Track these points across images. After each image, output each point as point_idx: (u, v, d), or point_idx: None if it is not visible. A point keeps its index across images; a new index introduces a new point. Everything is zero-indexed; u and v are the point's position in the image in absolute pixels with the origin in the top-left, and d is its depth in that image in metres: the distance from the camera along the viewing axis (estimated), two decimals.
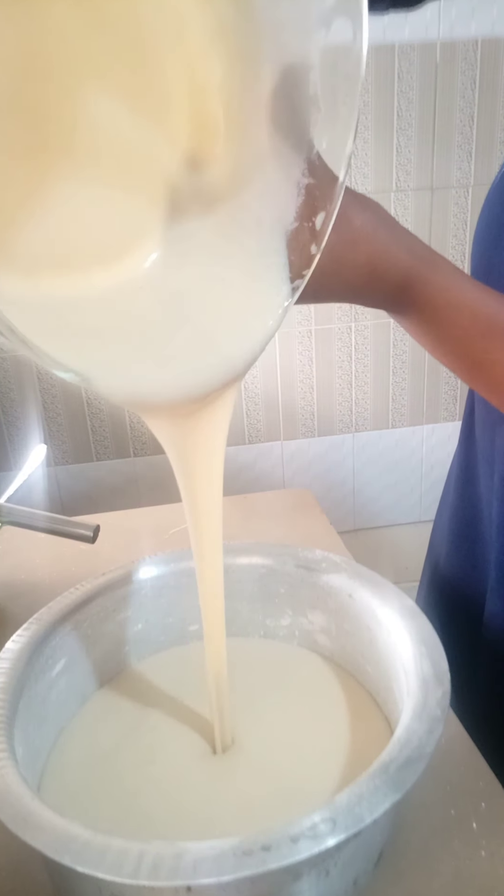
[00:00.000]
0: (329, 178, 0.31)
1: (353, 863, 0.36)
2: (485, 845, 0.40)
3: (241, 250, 0.33)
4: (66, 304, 0.31)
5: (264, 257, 0.33)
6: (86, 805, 0.42)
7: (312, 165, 0.32)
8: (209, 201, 0.31)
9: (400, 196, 1.43)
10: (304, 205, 0.32)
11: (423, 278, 0.39)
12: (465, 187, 1.44)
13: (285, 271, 0.34)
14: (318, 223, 0.32)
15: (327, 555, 0.52)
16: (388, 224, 0.39)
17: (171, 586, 0.53)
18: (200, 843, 0.31)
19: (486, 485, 0.59)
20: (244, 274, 0.34)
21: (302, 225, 0.33)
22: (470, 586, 0.63)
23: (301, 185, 0.32)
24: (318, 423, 1.58)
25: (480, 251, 0.54)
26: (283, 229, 0.33)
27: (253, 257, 0.34)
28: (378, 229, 0.38)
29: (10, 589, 0.70)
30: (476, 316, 0.39)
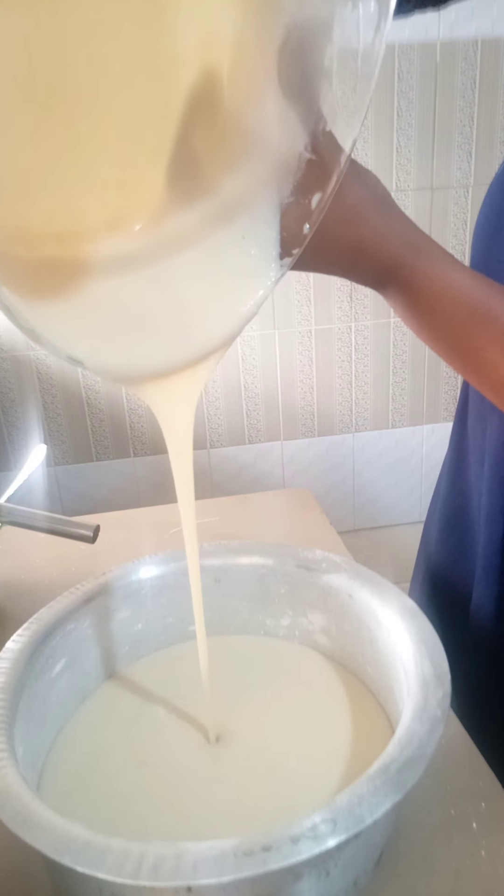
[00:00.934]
0: (330, 159, 0.31)
1: (353, 863, 0.36)
2: (485, 845, 0.40)
3: (235, 221, 0.33)
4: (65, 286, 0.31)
5: (256, 229, 0.33)
6: (84, 804, 0.42)
7: (316, 141, 0.31)
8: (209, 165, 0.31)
9: (400, 196, 1.43)
10: (303, 180, 0.32)
11: (410, 264, 0.38)
12: (465, 187, 1.44)
13: (275, 246, 0.33)
14: (314, 203, 0.32)
15: (327, 555, 0.52)
16: (383, 205, 0.38)
17: (171, 586, 0.53)
18: (201, 843, 0.31)
19: (476, 473, 0.59)
20: (235, 246, 0.33)
21: (298, 201, 0.32)
22: (459, 575, 0.63)
23: (302, 158, 0.32)
24: (318, 423, 1.58)
25: (480, 241, 0.54)
26: (278, 202, 0.33)
27: (245, 228, 0.33)
28: (370, 211, 0.38)
29: (10, 589, 0.70)
30: (460, 303, 0.39)
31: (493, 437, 0.55)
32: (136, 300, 0.33)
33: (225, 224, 0.33)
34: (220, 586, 0.54)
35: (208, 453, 1.56)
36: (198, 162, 0.31)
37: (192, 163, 0.30)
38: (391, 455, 1.64)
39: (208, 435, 1.55)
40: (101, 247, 0.31)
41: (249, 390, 1.53)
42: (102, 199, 0.30)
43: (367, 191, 0.38)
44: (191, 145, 0.30)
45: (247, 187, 0.32)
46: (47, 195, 0.29)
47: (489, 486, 0.56)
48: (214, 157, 0.31)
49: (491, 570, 0.57)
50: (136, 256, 0.31)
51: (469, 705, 0.54)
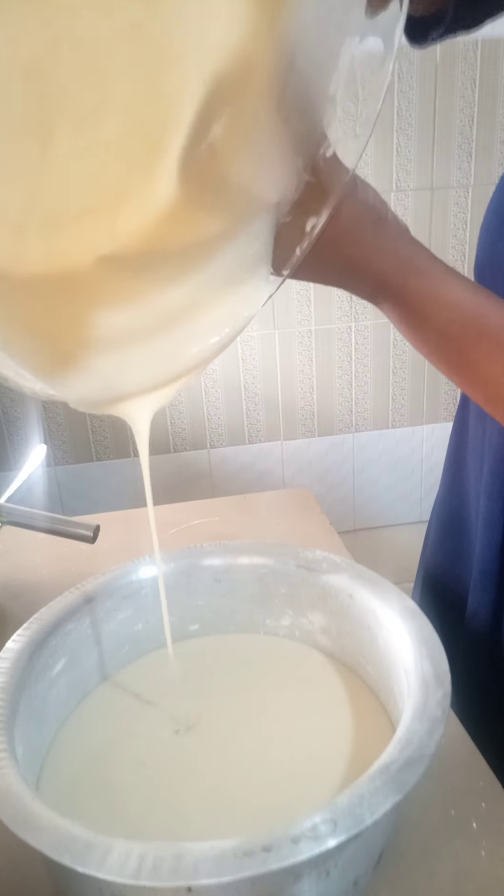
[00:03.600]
0: (329, 184, 0.31)
1: (353, 863, 0.36)
2: (485, 845, 0.40)
3: (230, 238, 0.33)
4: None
5: (250, 245, 0.33)
6: (83, 804, 0.42)
7: (317, 165, 0.32)
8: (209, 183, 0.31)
9: (400, 196, 1.43)
10: (301, 202, 0.32)
11: (401, 282, 0.39)
12: (465, 187, 1.44)
13: (267, 265, 0.33)
14: (308, 227, 0.32)
15: (328, 555, 0.52)
16: (378, 222, 0.38)
17: (171, 586, 0.53)
18: (201, 843, 0.31)
19: (475, 476, 0.59)
20: (227, 263, 0.33)
21: (293, 222, 0.32)
22: (455, 578, 0.63)
23: (302, 180, 0.32)
24: (318, 423, 1.58)
25: (485, 240, 0.54)
26: (274, 221, 0.33)
27: (239, 243, 0.33)
28: (364, 229, 0.38)
29: (10, 589, 0.70)
30: (452, 318, 0.39)
31: (493, 440, 0.55)
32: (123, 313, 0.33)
33: (219, 242, 0.33)
34: (220, 586, 0.54)
35: (208, 453, 1.56)
36: (197, 181, 0.30)
37: (192, 181, 0.30)
38: (391, 455, 1.64)
39: (208, 435, 1.55)
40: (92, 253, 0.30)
41: (249, 390, 1.53)
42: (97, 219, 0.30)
43: (363, 207, 0.38)
44: (191, 164, 0.30)
45: (245, 206, 0.32)
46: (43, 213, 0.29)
47: (488, 490, 0.56)
48: (216, 167, 0.31)
49: (488, 575, 0.56)
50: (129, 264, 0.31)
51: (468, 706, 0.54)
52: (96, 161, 0.28)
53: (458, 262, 1.49)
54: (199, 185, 0.30)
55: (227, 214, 0.32)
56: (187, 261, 0.32)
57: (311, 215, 0.32)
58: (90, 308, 0.32)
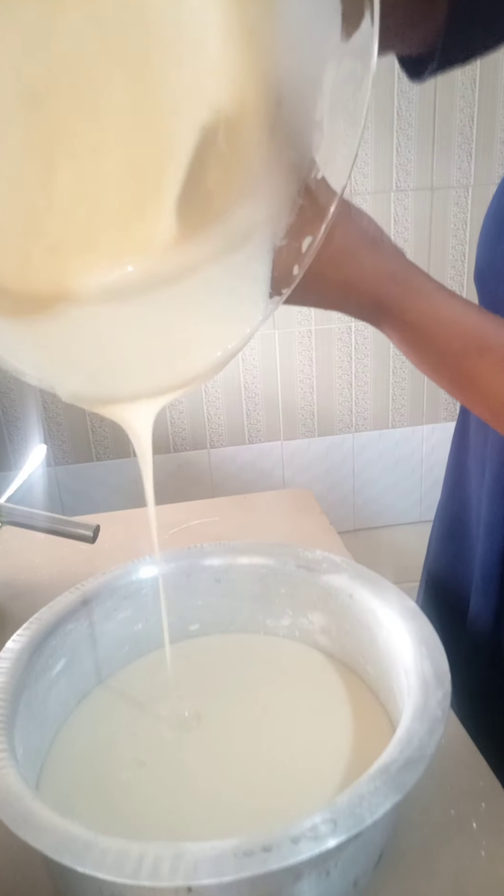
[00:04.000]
0: (322, 205, 0.32)
1: (353, 863, 0.36)
2: (485, 845, 0.40)
3: (229, 261, 0.34)
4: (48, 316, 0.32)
5: (249, 269, 0.34)
6: (83, 803, 0.42)
7: (309, 188, 0.33)
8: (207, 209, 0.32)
9: (400, 196, 1.43)
10: (296, 224, 0.33)
11: (399, 304, 0.39)
12: (465, 187, 1.44)
13: (266, 285, 0.34)
14: (305, 246, 0.33)
15: (328, 555, 0.52)
16: (372, 244, 0.39)
17: (171, 586, 0.53)
18: (201, 843, 0.31)
19: (477, 482, 0.59)
20: (227, 284, 0.34)
21: (290, 243, 0.33)
22: (457, 583, 0.63)
23: (296, 204, 0.33)
24: (318, 423, 1.58)
25: (485, 246, 0.54)
26: (272, 244, 0.34)
27: (238, 268, 0.34)
28: (359, 251, 0.38)
29: (10, 589, 0.70)
30: (453, 336, 0.39)
31: (494, 446, 0.55)
32: (122, 329, 0.34)
33: (219, 264, 0.33)
34: (220, 586, 0.54)
35: (208, 453, 1.56)
36: (195, 207, 0.31)
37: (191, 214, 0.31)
38: (391, 455, 1.64)
39: (208, 435, 1.55)
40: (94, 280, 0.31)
41: (249, 390, 1.53)
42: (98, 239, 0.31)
43: (357, 231, 0.38)
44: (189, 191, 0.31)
45: (242, 230, 0.33)
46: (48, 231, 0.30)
47: (490, 495, 0.56)
48: (212, 202, 0.32)
49: (489, 580, 0.56)
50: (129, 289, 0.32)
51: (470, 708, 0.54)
52: (96, 195, 0.30)
53: (458, 262, 1.49)
54: (198, 218, 0.31)
55: (224, 242, 0.33)
56: (186, 284, 0.33)
57: (306, 235, 0.33)
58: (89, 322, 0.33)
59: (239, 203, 0.33)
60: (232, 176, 0.32)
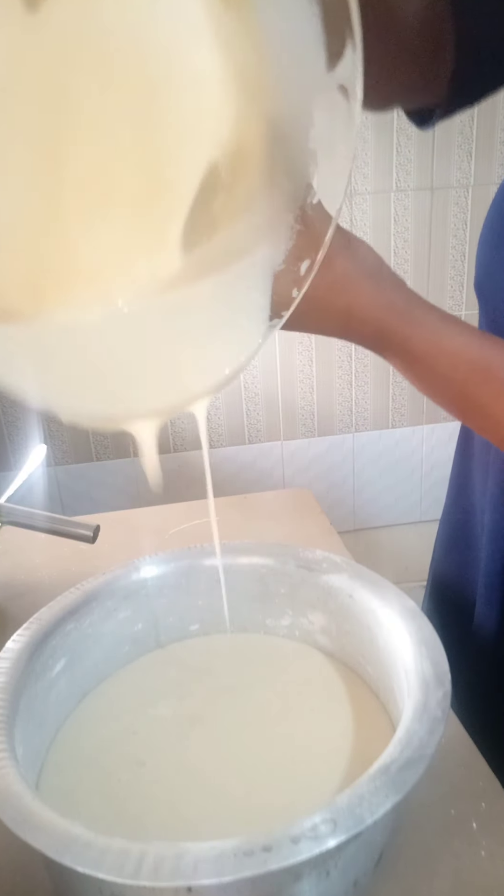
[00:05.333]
0: (318, 229, 0.33)
1: (353, 863, 0.36)
2: (485, 845, 0.40)
3: (229, 287, 0.35)
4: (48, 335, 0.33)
5: (249, 292, 0.35)
6: (83, 803, 0.42)
7: (305, 214, 0.34)
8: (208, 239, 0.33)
9: (400, 196, 1.43)
10: (294, 249, 0.34)
11: (400, 332, 0.39)
12: (465, 187, 1.44)
13: (266, 310, 0.35)
14: (303, 269, 0.33)
15: (328, 555, 0.52)
16: (372, 273, 0.39)
17: (171, 586, 0.53)
18: (201, 843, 0.31)
19: (481, 491, 0.59)
20: (227, 308, 0.35)
21: (288, 268, 0.34)
22: (461, 590, 0.63)
23: (293, 230, 0.34)
24: (318, 423, 1.58)
25: (483, 258, 0.54)
26: (271, 269, 0.35)
27: (239, 291, 0.35)
28: (359, 279, 0.38)
29: (10, 589, 0.70)
30: (457, 365, 0.39)
31: (498, 455, 0.55)
32: (122, 350, 0.35)
33: (220, 289, 0.35)
34: (220, 586, 0.54)
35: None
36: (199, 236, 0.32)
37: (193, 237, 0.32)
38: (391, 455, 1.64)
39: (208, 435, 1.55)
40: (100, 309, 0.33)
41: (249, 390, 1.53)
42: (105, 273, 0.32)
43: (357, 260, 0.39)
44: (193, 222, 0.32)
45: (243, 257, 0.34)
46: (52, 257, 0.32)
47: (493, 503, 0.55)
48: (215, 232, 0.33)
49: (493, 588, 0.56)
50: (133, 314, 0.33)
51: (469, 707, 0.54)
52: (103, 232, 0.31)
53: (458, 262, 1.49)
54: (201, 247, 0.32)
55: (225, 269, 0.34)
56: (188, 308, 0.34)
57: (304, 259, 0.34)
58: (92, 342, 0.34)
59: (240, 232, 0.34)
60: (234, 206, 0.33)
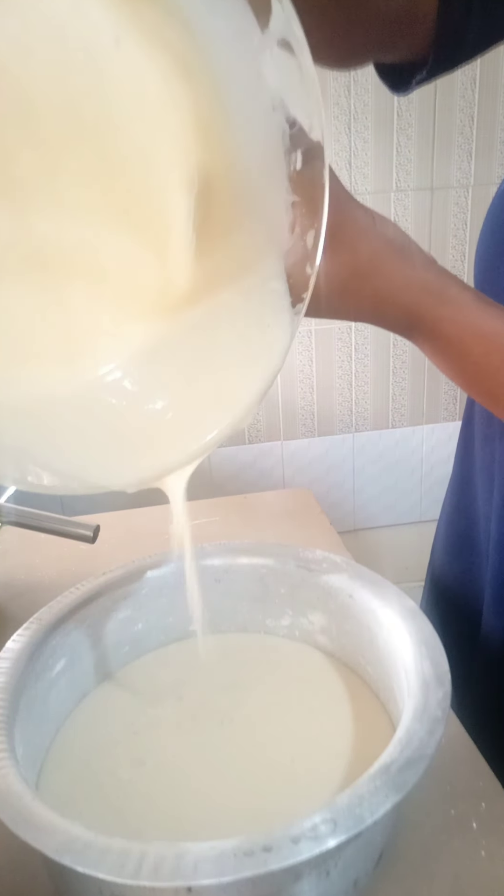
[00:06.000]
0: (313, 192, 0.31)
1: (353, 863, 0.36)
2: (485, 845, 0.40)
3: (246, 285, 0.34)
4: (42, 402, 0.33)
5: (267, 285, 0.34)
6: (83, 803, 0.42)
7: (294, 182, 0.32)
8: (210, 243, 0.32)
9: (400, 196, 1.43)
10: (295, 223, 0.32)
11: (434, 313, 0.37)
12: (465, 187, 1.44)
13: (287, 298, 0.34)
14: (310, 242, 0.32)
15: (328, 555, 0.52)
16: (401, 253, 0.37)
17: (171, 586, 0.53)
18: (201, 843, 0.31)
19: (484, 497, 0.58)
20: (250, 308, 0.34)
21: (295, 245, 0.32)
22: (467, 596, 0.62)
23: (287, 202, 0.32)
24: (318, 423, 1.58)
25: (483, 264, 0.53)
26: (279, 253, 0.33)
27: (256, 289, 0.34)
28: (387, 261, 0.36)
29: (10, 589, 0.70)
30: (492, 349, 0.37)
31: (502, 463, 0.54)
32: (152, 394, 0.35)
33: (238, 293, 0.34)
34: (220, 586, 0.54)
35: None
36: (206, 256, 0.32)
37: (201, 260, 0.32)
38: (391, 455, 1.64)
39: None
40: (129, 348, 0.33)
41: None
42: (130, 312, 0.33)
43: (383, 240, 0.36)
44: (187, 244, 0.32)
45: (249, 252, 0.33)
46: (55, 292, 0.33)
47: (499, 514, 0.55)
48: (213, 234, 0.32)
49: (501, 600, 0.56)
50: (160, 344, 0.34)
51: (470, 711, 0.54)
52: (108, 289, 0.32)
53: (458, 263, 1.49)
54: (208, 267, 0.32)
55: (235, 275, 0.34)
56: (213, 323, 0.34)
57: (308, 230, 0.32)
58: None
59: (239, 229, 0.33)
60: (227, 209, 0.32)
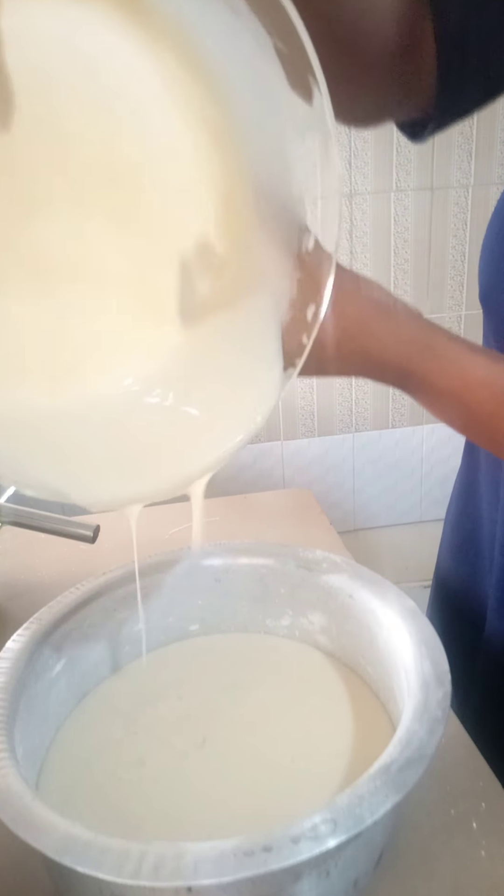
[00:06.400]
0: (318, 273, 0.33)
1: (353, 863, 0.36)
2: (485, 845, 0.40)
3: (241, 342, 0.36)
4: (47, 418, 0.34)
5: (260, 347, 0.35)
6: (83, 803, 0.42)
7: (302, 261, 0.34)
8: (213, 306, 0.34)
9: (400, 196, 1.43)
10: (297, 298, 0.34)
11: (423, 366, 0.38)
12: (465, 187, 1.44)
13: (279, 360, 0.35)
14: (310, 315, 0.33)
15: (328, 555, 0.52)
16: (387, 311, 0.38)
17: (170, 586, 0.53)
18: (201, 843, 0.31)
19: (490, 501, 0.58)
20: (242, 365, 0.36)
21: (296, 316, 0.34)
22: (472, 598, 0.62)
23: (293, 278, 0.34)
24: (318, 423, 1.58)
25: (488, 267, 0.52)
26: (278, 321, 0.35)
27: (250, 347, 0.36)
28: (374, 321, 0.38)
29: (10, 589, 0.70)
30: (484, 397, 0.38)
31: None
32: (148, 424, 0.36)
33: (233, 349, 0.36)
34: (220, 586, 0.54)
35: None
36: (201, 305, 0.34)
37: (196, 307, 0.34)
38: (391, 455, 1.64)
39: None
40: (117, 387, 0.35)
41: None
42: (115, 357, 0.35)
43: (369, 302, 0.38)
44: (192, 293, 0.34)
45: (249, 317, 0.35)
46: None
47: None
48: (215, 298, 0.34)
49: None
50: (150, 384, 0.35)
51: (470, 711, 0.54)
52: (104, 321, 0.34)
53: (458, 262, 1.49)
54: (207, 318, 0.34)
55: (233, 331, 0.35)
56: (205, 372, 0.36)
57: (309, 304, 0.33)
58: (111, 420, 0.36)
59: (242, 293, 0.35)
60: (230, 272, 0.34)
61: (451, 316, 1.53)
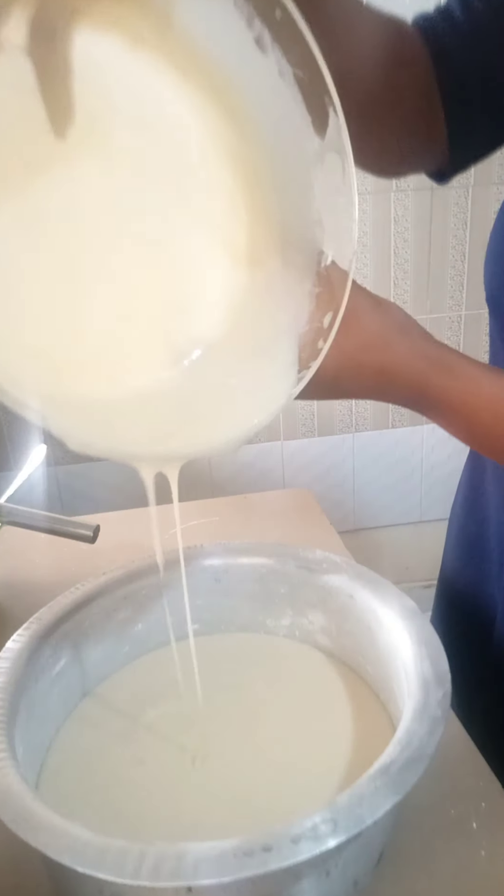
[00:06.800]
0: (336, 288, 0.35)
1: (353, 863, 0.36)
2: (485, 845, 0.40)
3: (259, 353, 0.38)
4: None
5: (277, 356, 0.37)
6: (82, 803, 0.42)
7: (321, 277, 0.36)
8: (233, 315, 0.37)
9: (400, 196, 1.43)
10: (316, 310, 0.36)
11: (439, 384, 0.39)
12: (465, 187, 1.44)
13: (294, 367, 0.37)
14: (326, 322, 0.35)
15: (328, 555, 0.52)
16: (404, 329, 0.39)
17: (170, 586, 0.53)
18: (201, 843, 0.31)
19: (496, 505, 0.58)
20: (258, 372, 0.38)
21: (312, 326, 0.36)
22: (479, 601, 0.62)
23: (312, 294, 0.36)
24: (318, 423, 1.58)
25: (494, 269, 0.52)
26: (296, 332, 0.37)
27: (267, 356, 0.38)
28: (391, 335, 0.38)
29: (10, 589, 0.70)
30: (497, 414, 0.39)
31: None
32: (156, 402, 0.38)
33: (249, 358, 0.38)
34: (220, 586, 0.54)
35: None
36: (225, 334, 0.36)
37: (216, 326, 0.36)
38: (391, 455, 1.64)
39: None
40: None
41: None
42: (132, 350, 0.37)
43: (387, 317, 0.39)
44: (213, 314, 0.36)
45: (270, 333, 0.38)
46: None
47: None
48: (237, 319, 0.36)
49: None
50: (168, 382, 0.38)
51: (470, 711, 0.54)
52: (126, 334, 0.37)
53: (459, 262, 1.49)
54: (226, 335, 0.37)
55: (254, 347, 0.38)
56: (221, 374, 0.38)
57: (327, 312, 0.35)
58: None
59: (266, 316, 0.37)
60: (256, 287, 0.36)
61: (451, 316, 1.53)
